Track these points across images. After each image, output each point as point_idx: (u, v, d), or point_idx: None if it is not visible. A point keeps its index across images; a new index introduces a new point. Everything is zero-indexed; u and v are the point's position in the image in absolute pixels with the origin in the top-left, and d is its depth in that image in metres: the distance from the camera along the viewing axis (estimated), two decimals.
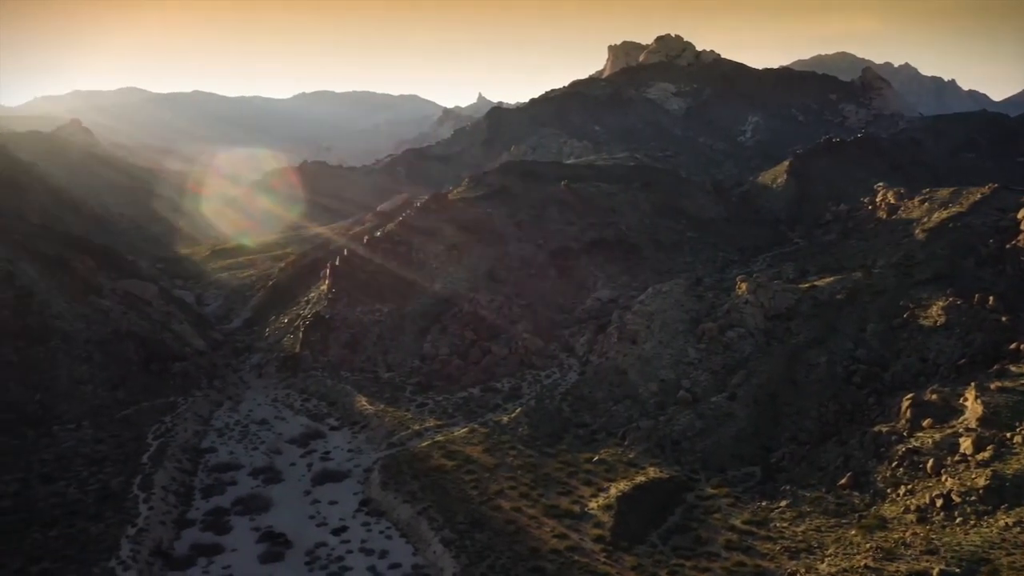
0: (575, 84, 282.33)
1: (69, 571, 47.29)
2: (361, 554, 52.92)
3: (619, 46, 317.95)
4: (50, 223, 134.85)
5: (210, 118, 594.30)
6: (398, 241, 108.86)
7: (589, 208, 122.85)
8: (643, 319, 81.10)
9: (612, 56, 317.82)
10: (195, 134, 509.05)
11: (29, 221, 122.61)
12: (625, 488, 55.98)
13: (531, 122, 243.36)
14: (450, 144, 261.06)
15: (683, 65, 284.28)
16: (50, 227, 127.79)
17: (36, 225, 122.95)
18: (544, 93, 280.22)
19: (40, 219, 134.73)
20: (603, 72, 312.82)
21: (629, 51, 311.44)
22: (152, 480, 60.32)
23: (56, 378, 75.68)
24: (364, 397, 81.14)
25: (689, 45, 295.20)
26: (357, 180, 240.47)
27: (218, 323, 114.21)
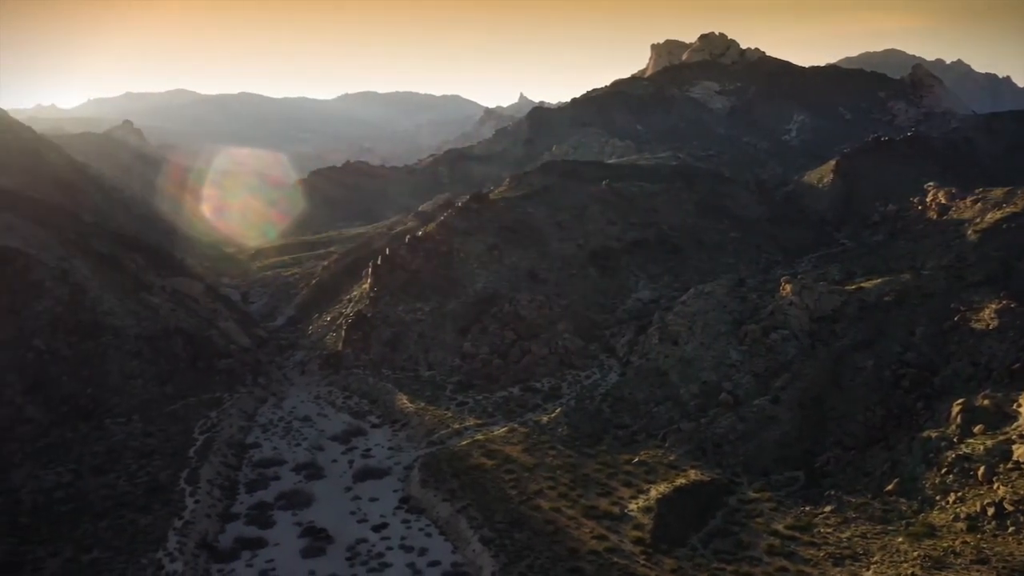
0: (617, 83, 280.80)
1: (118, 561, 48.49)
2: (401, 551, 53.36)
3: (662, 45, 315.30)
4: (102, 222, 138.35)
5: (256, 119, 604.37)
6: (439, 241, 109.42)
7: (631, 208, 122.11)
8: (685, 320, 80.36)
9: (655, 55, 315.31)
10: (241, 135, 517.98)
11: (83, 220, 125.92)
12: (665, 490, 55.55)
13: (573, 122, 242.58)
14: (491, 144, 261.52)
15: (727, 63, 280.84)
16: (102, 226, 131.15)
17: (89, 224, 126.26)
18: (586, 93, 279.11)
19: (93, 218, 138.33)
20: (646, 71, 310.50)
21: (672, 50, 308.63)
22: (198, 474, 61.57)
23: (107, 373, 77.67)
24: (405, 395, 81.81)
25: (733, 43, 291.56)
26: (399, 180, 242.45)
27: (263, 321, 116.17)
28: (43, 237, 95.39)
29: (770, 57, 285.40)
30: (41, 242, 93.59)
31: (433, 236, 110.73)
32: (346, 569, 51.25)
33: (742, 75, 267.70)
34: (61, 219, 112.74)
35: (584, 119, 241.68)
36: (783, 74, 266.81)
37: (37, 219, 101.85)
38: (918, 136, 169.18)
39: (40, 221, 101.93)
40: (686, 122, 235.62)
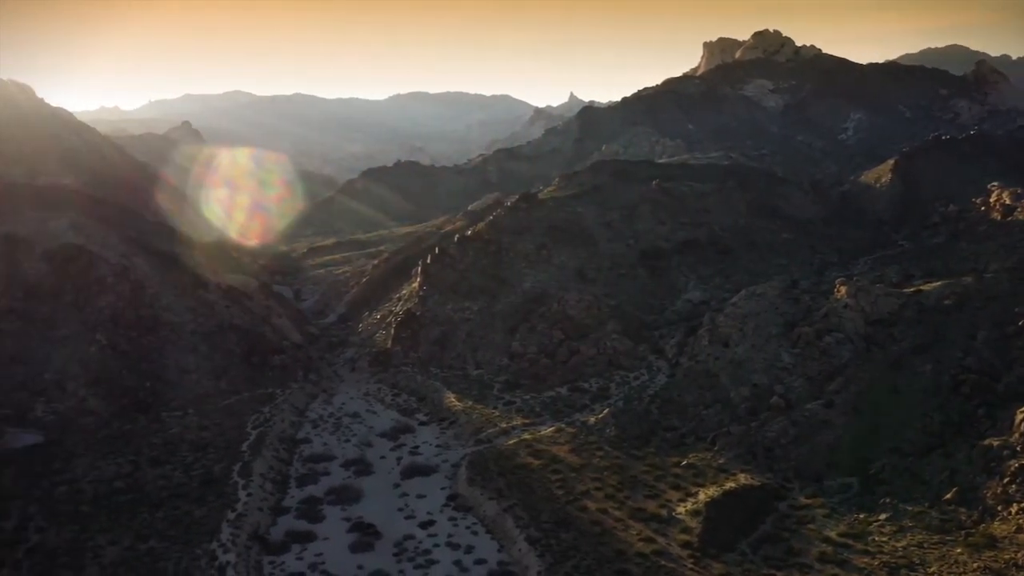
0: (668, 82, 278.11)
1: (174, 551, 49.75)
2: (448, 548, 53.66)
3: (714, 43, 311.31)
4: (162, 220, 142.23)
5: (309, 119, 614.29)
6: (488, 240, 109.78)
7: (681, 208, 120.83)
8: (735, 322, 79.20)
9: (707, 53, 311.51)
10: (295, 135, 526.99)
11: (143, 218, 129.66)
12: (714, 494, 54.82)
13: (623, 121, 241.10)
14: (541, 144, 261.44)
15: (781, 61, 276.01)
16: (162, 224, 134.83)
17: (149, 222, 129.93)
18: (636, 92, 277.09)
19: (153, 216, 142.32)
20: (697, 69, 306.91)
21: (725, 48, 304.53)
22: (251, 467, 62.82)
23: (165, 367, 79.84)
24: (453, 393, 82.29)
25: (788, 40, 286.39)
26: (448, 180, 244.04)
27: (314, 318, 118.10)
28: (106, 235, 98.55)
29: (826, 54, 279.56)
30: (104, 240, 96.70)
31: (482, 235, 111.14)
32: (393, 565, 51.74)
33: (797, 73, 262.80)
34: (123, 218, 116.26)
35: (634, 118, 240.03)
36: (840, 71, 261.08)
37: (100, 217, 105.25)
38: (981, 134, 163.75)
39: (103, 219, 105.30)
40: (738, 121, 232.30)
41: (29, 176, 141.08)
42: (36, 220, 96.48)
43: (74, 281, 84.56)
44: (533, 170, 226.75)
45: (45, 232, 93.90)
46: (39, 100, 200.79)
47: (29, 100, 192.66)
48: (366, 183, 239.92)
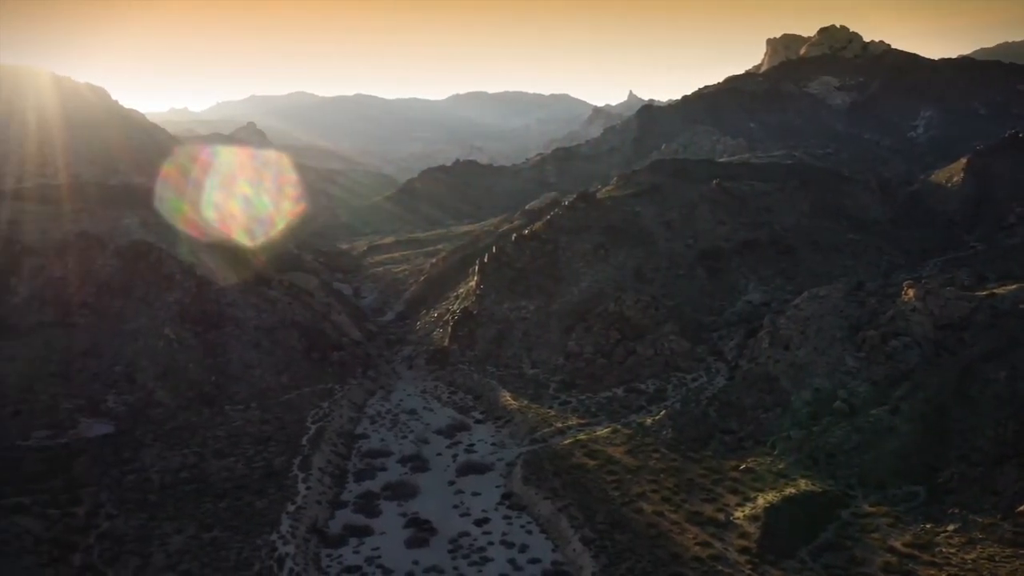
0: (730, 80, 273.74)
1: (235, 541, 51.03)
2: (502, 546, 53.79)
3: (778, 39, 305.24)
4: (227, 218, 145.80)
5: (370, 119, 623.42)
6: (545, 239, 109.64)
7: (742, 207, 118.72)
8: (797, 324, 77.43)
9: (770, 50, 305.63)
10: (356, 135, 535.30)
11: (211, 216, 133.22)
12: (774, 499, 53.71)
13: (683, 120, 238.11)
14: (599, 143, 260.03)
15: (848, 57, 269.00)
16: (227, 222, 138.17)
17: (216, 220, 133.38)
18: (697, 90, 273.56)
19: (220, 215, 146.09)
20: (760, 67, 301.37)
21: (789, 44, 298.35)
22: (310, 461, 64.03)
23: (229, 361, 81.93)
24: (508, 392, 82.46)
25: (856, 36, 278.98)
26: (506, 179, 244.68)
27: (373, 315, 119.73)
28: (174, 232, 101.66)
29: (895, 50, 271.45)
30: (172, 237, 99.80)
31: (539, 235, 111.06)
32: (448, 561, 52.09)
33: (864, 69, 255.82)
34: (192, 215, 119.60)
35: (695, 117, 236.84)
36: (910, 67, 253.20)
37: (170, 216, 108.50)
38: None
39: (172, 217, 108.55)
40: (802, 119, 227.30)
41: (102, 176, 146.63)
42: (109, 218, 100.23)
43: (144, 277, 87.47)
44: (591, 169, 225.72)
45: (117, 230, 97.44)
46: (113, 102, 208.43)
47: (103, 102, 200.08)
48: (425, 182, 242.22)
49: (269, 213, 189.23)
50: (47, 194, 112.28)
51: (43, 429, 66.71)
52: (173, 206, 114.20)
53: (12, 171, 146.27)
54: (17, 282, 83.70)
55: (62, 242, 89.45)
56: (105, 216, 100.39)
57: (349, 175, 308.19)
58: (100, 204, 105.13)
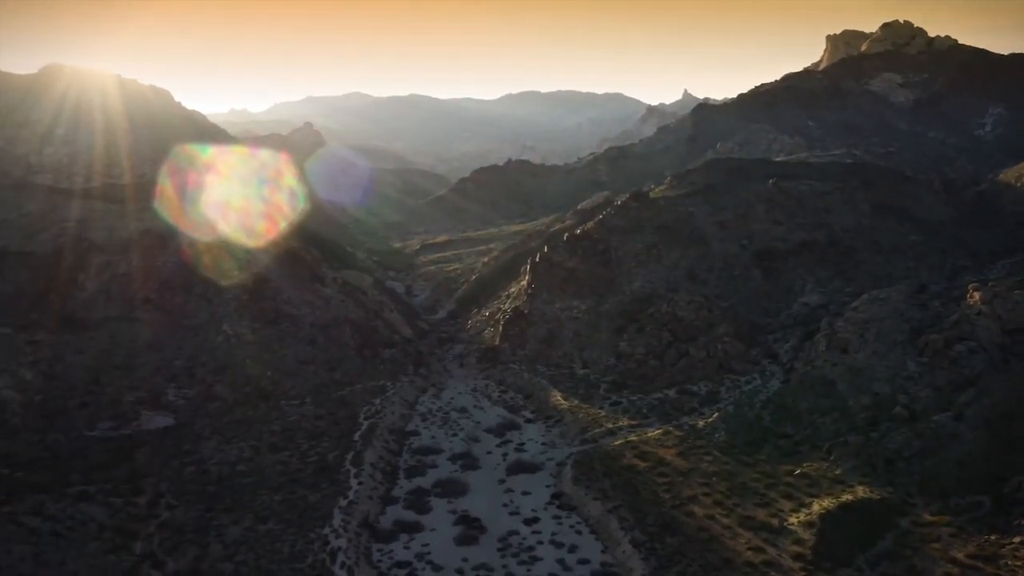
0: (788, 77, 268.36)
1: (289, 534, 51.98)
2: (551, 546, 53.71)
3: (838, 35, 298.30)
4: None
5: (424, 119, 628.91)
6: (597, 239, 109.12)
7: (799, 207, 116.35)
8: (856, 327, 75.58)
9: (830, 47, 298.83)
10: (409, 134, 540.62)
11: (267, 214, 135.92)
12: (829, 505, 52.53)
13: (739, 118, 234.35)
14: (653, 142, 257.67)
15: (912, 53, 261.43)
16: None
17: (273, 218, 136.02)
18: (754, 88, 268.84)
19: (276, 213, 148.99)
20: (819, 64, 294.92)
21: (850, 40, 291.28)
22: (362, 457, 64.85)
23: (284, 357, 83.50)
24: (559, 392, 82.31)
25: (920, 31, 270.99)
26: (558, 178, 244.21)
27: (425, 313, 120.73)
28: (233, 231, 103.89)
29: (962, 45, 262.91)
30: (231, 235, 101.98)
31: (591, 234, 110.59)
32: (497, 559, 52.22)
33: (929, 65, 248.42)
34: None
35: (751, 115, 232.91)
36: (977, 63, 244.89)
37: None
38: None
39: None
40: (863, 117, 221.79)
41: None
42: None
43: (204, 273, 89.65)
44: (644, 169, 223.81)
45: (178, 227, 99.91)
46: (176, 104, 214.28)
47: (166, 104, 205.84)
48: (477, 182, 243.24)
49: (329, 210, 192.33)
50: (113, 193, 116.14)
51: (107, 420, 68.96)
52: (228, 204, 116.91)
53: (81, 171, 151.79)
54: (85, 278, 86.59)
55: (127, 239, 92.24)
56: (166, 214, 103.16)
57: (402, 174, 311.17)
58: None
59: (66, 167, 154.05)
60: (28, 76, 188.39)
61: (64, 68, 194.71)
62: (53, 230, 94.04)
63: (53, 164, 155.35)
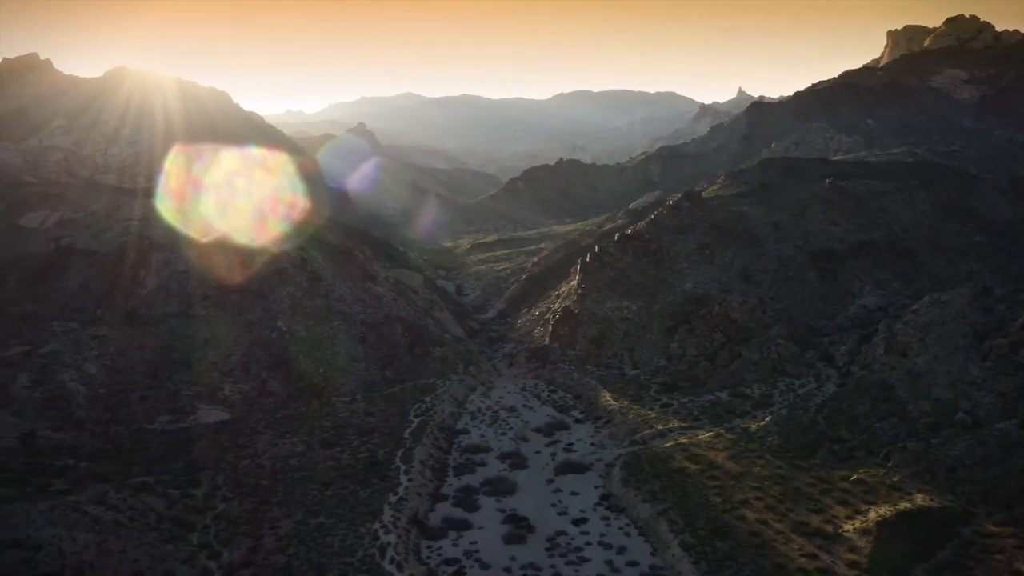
0: (846, 75, 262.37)
1: (340, 528, 52.67)
2: (600, 547, 53.39)
3: (900, 31, 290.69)
4: (336, 216, 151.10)
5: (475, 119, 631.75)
6: (648, 239, 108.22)
7: (857, 208, 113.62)
8: (916, 330, 73.48)
9: (891, 42, 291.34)
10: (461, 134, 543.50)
11: (320, 214, 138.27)
12: (887, 513, 51.14)
13: (795, 116, 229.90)
14: (706, 141, 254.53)
15: (978, 48, 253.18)
16: (336, 219, 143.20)
17: (326, 218, 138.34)
18: (810, 86, 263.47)
19: (329, 212, 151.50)
20: (880, 60, 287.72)
21: (912, 36, 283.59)
22: (412, 454, 65.40)
23: (336, 355, 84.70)
24: (608, 393, 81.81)
25: (986, 25, 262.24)
26: (609, 178, 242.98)
27: (475, 312, 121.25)
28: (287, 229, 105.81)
29: None
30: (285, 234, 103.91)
31: (643, 234, 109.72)
32: (545, 559, 52.10)
33: (996, 61, 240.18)
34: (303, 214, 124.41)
35: (807, 114, 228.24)
36: None
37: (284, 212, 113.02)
38: None
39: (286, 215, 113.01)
40: (925, 114, 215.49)
41: None
42: None
43: (260, 271, 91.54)
44: (697, 168, 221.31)
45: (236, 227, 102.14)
46: (234, 105, 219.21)
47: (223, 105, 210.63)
48: (528, 182, 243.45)
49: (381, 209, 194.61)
50: None
51: (166, 414, 70.84)
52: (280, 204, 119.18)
53: (143, 171, 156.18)
54: (146, 275, 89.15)
55: (186, 238, 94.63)
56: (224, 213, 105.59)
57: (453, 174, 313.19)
58: None
59: (130, 167, 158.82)
60: (96, 79, 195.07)
61: (129, 71, 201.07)
62: (117, 228, 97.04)
63: (118, 164, 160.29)
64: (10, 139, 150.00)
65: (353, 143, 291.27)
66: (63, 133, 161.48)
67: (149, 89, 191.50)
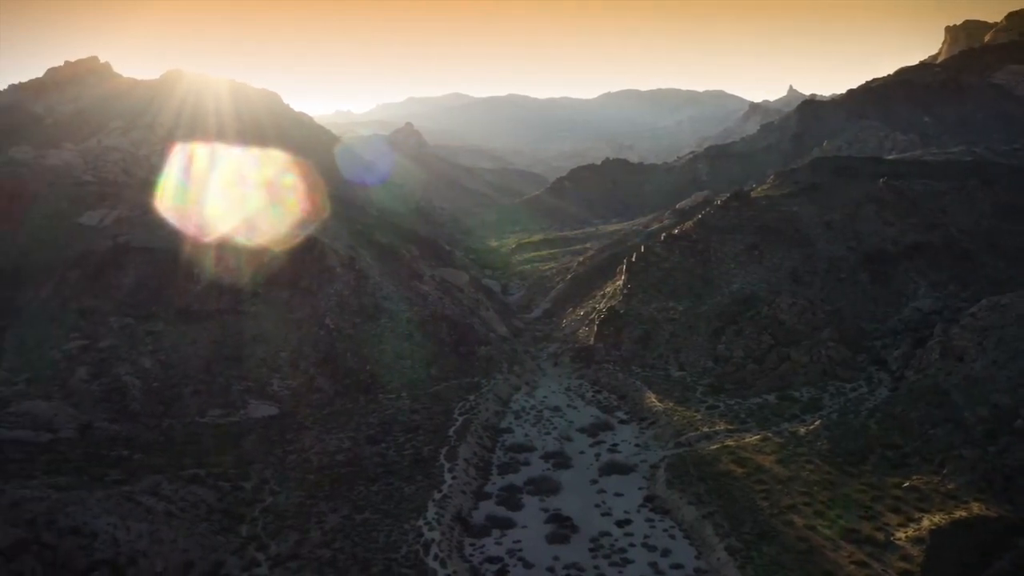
0: (902, 72, 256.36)
1: (385, 524, 53.21)
2: (643, 549, 53.01)
3: (959, 27, 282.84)
4: (384, 215, 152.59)
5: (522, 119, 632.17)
6: (695, 239, 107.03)
7: (912, 208, 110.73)
8: (974, 335, 71.32)
9: (949, 38, 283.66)
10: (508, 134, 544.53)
11: (368, 213, 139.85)
12: (940, 521, 49.75)
13: (848, 115, 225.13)
14: (755, 140, 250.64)
15: None
16: (384, 219, 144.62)
17: (373, 217, 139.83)
18: (864, 83, 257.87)
19: (376, 211, 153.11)
20: (937, 57, 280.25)
21: (971, 31, 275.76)
22: (456, 452, 65.74)
23: (383, 352, 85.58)
24: (654, 394, 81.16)
25: None
26: (656, 178, 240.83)
27: (520, 312, 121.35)
28: (335, 228, 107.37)
29: None
30: (334, 232, 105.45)
31: (689, 234, 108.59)
32: (588, 559, 51.92)
33: None
34: (352, 213, 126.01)
35: (861, 112, 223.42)
36: None
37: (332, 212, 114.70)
38: None
39: (333, 213, 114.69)
40: (985, 112, 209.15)
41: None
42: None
43: (308, 270, 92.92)
44: (745, 167, 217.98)
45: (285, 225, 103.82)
46: (284, 106, 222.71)
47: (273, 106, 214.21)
48: (574, 181, 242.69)
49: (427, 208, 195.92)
50: None
51: (217, 408, 72.41)
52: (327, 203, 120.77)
53: None
54: (199, 272, 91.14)
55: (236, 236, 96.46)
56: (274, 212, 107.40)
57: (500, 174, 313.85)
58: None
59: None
60: (153, 82, 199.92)
61: (184, 73, 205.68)
62: (171, 227, 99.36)
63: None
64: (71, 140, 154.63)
65: (373, 142, 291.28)
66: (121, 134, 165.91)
67: (203, 91, 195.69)
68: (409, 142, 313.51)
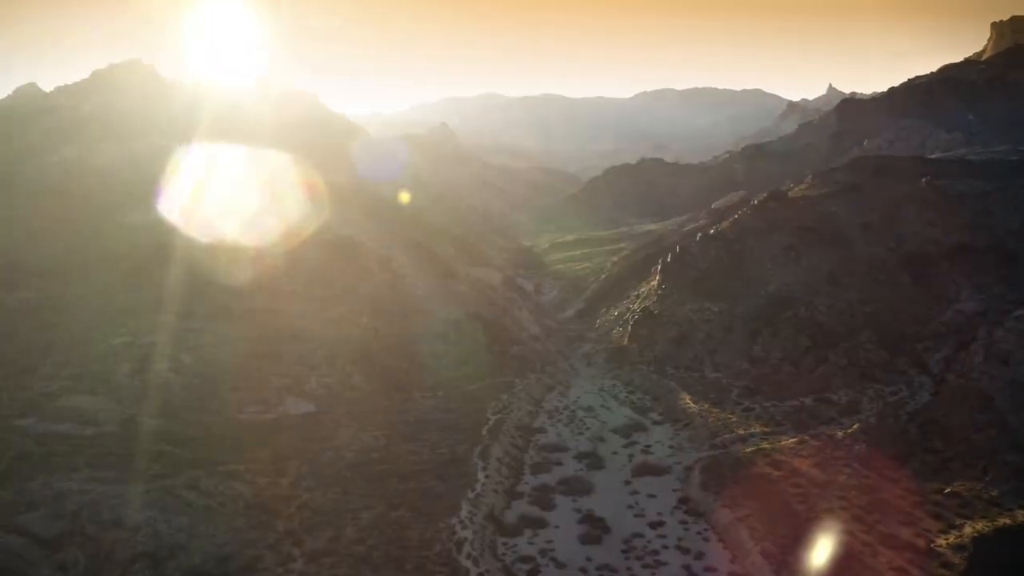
0: (946, 69, 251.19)
1: (418, 522, 53.55)
2: (677, 551, 52.67)
3: (1006, 22, 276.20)
4: (418, 214, 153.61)
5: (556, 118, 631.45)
6: (731, 240, 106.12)
7: (956, 208, 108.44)
8: (1020, 338, 69.64)
9: (995, 34, 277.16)
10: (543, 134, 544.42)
11: (403, 212, 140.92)
12: (984, 529, 48.71)
13: (889, 113, 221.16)
14: (793, 139, 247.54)
15: None
16: (419, 218, 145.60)
17: (407, 216, 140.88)
18: (906, 81, 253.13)
19: (411, 211, 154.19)
20: (983, 54, 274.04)
21: (1018, 28, 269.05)
22: (489, 451, 65.94)
23: (418, 351, 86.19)
24: (688, 395, 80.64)
25: None
26: (692, 177, 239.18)
27: (553, 312, 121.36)
28: (371, 228, 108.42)
29: None
30: (370, 232, 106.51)
31: (726, 234, 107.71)
32: (621, 561, 51.71)
33: None
34: (388, 212, 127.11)
35: (903, 110, 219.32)
36: None
37: (367, 212, 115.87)
38: None
39: (369, 213, 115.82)
40: None
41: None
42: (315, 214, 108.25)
43: (345, 268, 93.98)
44: (783, 167, 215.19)
45: (322, 225, 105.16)
46: (321, 106, 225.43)
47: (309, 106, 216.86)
48: (608, 181, 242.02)
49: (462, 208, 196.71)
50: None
51: (255, 405, 73.45)
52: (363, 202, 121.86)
53: None
54: (239, 270, 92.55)
55: (275, 236, 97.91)
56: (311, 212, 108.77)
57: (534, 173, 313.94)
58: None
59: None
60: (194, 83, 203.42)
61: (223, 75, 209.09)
62: (212, 226, 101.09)
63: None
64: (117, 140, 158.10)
65: (408, 142, 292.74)
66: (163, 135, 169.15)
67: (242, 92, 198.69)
68: (444, 142, 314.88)
